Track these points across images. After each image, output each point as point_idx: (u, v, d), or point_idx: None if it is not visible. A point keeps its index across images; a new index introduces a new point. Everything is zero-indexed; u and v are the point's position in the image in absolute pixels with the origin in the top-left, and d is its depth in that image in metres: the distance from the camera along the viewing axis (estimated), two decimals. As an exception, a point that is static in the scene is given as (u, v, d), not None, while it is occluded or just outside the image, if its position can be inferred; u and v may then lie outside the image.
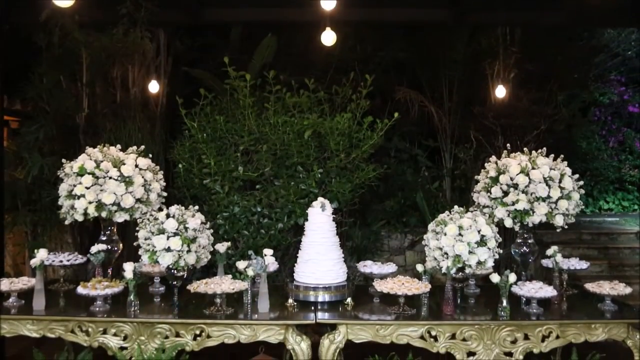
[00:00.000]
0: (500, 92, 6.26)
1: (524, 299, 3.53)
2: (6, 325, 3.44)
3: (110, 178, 3.74)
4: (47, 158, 5.71)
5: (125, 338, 3.38)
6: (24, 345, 4.12)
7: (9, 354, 4.36)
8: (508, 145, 4.09)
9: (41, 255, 3.50)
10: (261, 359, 3.17)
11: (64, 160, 3.93)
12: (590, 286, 3.72)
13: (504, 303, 3.38)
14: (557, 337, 3.38)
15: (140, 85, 6.28)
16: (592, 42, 8.83)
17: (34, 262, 3.48)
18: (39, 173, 5.68)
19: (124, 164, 3.81)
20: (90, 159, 3.81)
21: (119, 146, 4.06)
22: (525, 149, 3.94)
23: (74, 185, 3.74)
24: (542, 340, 3.37)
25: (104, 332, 3.38)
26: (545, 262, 4.07)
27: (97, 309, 3.45)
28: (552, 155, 3.87)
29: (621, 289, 3.62)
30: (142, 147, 4.10)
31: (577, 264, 4.05)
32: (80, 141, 5.88)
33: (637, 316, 3.44)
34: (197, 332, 3.35)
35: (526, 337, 3.37)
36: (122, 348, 3.36)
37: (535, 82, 6.83)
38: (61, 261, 4.01)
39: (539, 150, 3.89)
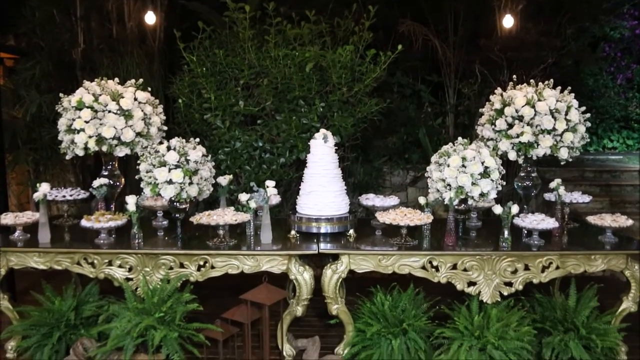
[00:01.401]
0: (508, 23, 6.05)
1: (526, 231, 3.55)
2: (14, 258, 3.49)
3: (110, 112, 3.70)
4: (45, 95, 5.63)
5: (130, 269, 3.44)
6: (33, 279, 4.22)
7: (20, 287, 4.47)
8: (514, 76, 3.99)
9: (43, 188, 3.52)
10: (264, 288, 3.21)
11: (61, 95, 3.87)
12: (592, 219, 3.73)
13: (506, 234, 3.40)
14: (557, 267, 3.43)
15: (137, 19, 6.08)
16: (607, -30, 8.41)
17: (37, 195, 3.49)
18: (37, 111, 5.61)
19: (123, 97, 3.76)
20: (89, 93, 3.75)
21: (116, 79, 3.98)
22: (531, 80, 3.85)
23: (73, 120, 3.71)
24: (542, 270, 3.43)
25: (109, 263, 3.44)
26: (548, 196, 4.07)
27: (102, 241, 3.49)
28: (559, 87, 3.78)
29: (623, 221, 3.64)
30: (141, 80, 4.03)
31: (579, 197, 4.06)
32: (77, 78, 5.77)
33: (637, 247, 3.47)
34: (201, 262, 3.40)
35: (526, 268, 3.43)
36: (127, 279, 3.43)
37: (544, 13, 6.58)
38: (64, 196, 4.03)
39: (546, 82, 3.80)
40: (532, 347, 3.33)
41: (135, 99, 3.81)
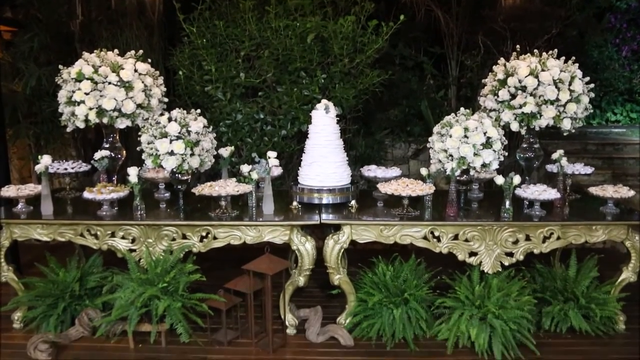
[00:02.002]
0: (512, -8, 5.98)
1: (527, 202, 3.55)
2: (17, 230, 3.51)
3: (110, 83, 3.67)
4: (44, 68, 5.58)
5: (133, 241, 3.46)
6: (37, 252, 4.24)
7: (24, 260, 4.50)
8: (517, 46, 3.94)
9: (45, 160, 3.51)
10: (266, 258, 3.23)
11: (61, 67, 3.84)
12: (594, 190, 3.73)
13: (507, 205, 3.40)
14: (558, 238, 3.44)
15: (136, -10, 6.01)
16: None
17: (39, 167, 3.49)
18: (37, 84, 5.57)
19: (123, 68, 3.72)
20: (88, 64, 3.72)
21: (116, 51, 3.94)
22: (535, 50, 3.80)
23: (73, 92, 3.68)
24: (543, 241, 3.44)
25: (112, 235, 3.46)
26: (550, 168, 4.06)
27: (104, 213, 3.50)
28: (563, 57, 3.74)
29: (624, 192, 3.64)
30: (141, 51, 3.99)
31: (581, 168, 4.06)
32: (76, 50, 5.72)
33: (638, 218, 3.48)
34: (204, 233, 3.42)
35: (527, 238, 3.44)
36: (131, 250, 3.45)
37: (549, -18, 6.47)
38: (65, 169, 4.03)
39: (550, 52, 3.76)
40: (532, 316, 3.36)
41: (136, 71, 3.78)
